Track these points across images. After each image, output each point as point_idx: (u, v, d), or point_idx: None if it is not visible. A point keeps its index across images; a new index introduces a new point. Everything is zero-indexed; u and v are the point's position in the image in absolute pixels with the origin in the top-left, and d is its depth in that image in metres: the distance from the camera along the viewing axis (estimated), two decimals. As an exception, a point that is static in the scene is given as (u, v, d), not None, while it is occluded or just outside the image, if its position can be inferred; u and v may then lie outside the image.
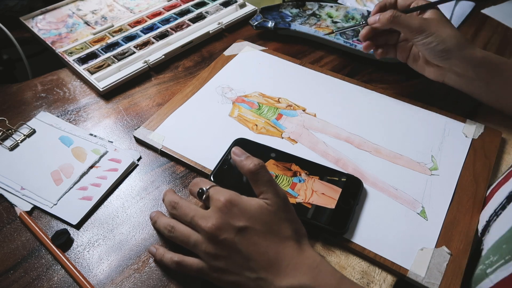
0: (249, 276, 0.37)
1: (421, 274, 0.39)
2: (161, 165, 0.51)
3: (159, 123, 0.55)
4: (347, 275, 0.40)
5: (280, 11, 0.73)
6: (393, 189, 0.47)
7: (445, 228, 0.43)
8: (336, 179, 0.46)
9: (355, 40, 0.67)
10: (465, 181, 0.47)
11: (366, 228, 0.43)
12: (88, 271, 0.41)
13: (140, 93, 0.61)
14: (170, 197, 0.43)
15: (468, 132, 0.52)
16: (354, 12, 0.72)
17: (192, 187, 0.42)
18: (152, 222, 0.44)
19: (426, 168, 0.49)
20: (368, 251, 0.41)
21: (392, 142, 0.52)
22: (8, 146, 0.52)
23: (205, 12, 0.75)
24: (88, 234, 0.44)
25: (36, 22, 0.72)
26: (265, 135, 0.53)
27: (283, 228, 0.38)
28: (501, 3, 0.78)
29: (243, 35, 0.72)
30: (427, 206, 0.45)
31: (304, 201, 0.44)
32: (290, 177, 0.47)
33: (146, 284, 0.40)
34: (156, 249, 0.42)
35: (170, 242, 0.43)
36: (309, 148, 0.51)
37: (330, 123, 0.54)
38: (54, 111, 0.58)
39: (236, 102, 0.58)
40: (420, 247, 0.41)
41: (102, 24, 0.73)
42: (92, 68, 0.63)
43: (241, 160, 0.40)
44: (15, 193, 0.47)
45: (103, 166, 0.50)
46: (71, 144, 0.53)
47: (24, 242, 0.44)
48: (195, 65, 0.66)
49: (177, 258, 0.40)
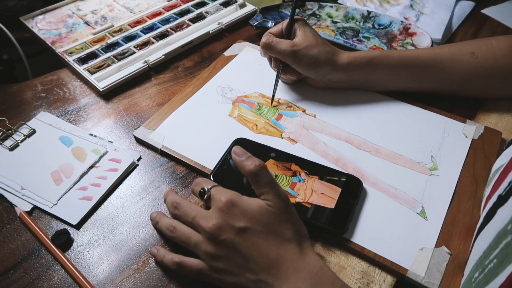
0: (249, 278, 0.37)
1: (420, 274, 0.39)
2: (161, 165, 0.51)
3: (159, 123, 0.55)
4: (347, 275, 0.40)
5: (280, 11, 0.73)
6: (393, 189, 0.47)
7: (444, 228, 0.43)
8: (335, 179, 0.46)
9: (355, 40, 0.67)
10: (465, 181, 0.47)
11: (366, 228, 0.43)
12: (88, 271, 0.41)
13: (140, 93, 0.61)
14: (172, 197, 0.43)
15: (468, 133, 0.52)
16: (354, 12, 0.72)
17: (194, 187, 0.42)
18: (154, 223, 0.44)
19: (426, 168, 0.49)
20: (367, 251, 0.41)
21: (392, 142, 0.52)
22: (8, 146, 0.52)
23: (205, 12, 0.75)
24: (88, 234, 0.44)
25: (36, 22, 0.72)
26: (265, 135, 0.53)
27: (284, 230, 0.38)
28: (501, 3, 0.78)
29: (243, 35, 0.72)
30: (427, 206, 0.45)
31: (303, 201, 0.44)
32: (289, 176, 0.47)
33: (146, 284, 0.40)
34: (157, 250, 0.42)
35: (171, 243, 0.43)
36: (309, 148, 0.51)
37: (330, 123, 0.54)
38: (54, 111, 0.58)
39: (236, 102, 0.58)
40: (419, 247, 0.41)
41: (102, 24, 0.73)
42: (92, 68, 0.63)
43: (241, 161, 0.39)
44: (15, 193, 0.47)
45: (103, 166, 0.50)
46: (71, 144, 0.53)
47: (24, 242, 0.44)
48: (195, 65, 0.66)
49: (178, 259, 0.40)
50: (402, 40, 0.66)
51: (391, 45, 0.65)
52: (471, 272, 0.37)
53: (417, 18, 0.73)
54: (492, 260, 0.33)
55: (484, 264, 0.35)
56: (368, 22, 0.70)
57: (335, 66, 0.53)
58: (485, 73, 0.53)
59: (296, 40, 0.54)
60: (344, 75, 0.55)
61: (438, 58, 0.54)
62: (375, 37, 0.67)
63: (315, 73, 0.54)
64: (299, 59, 0.53)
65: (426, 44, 0.63)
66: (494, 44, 0.53)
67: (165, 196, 0.45)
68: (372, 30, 0.69)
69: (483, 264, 0.35)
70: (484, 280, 0.33)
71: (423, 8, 0.75)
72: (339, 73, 0.54)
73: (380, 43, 0.66)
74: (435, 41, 0.67)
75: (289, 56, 0.53)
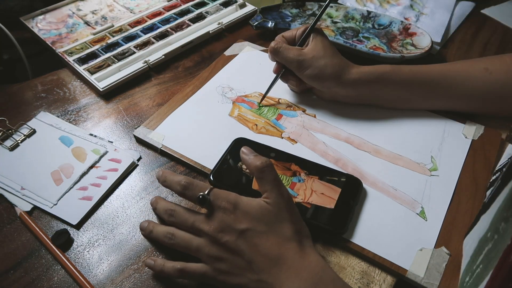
0: (251, 278, 0.37)
1: (420, 275, 0.39)
2: (161, 165, 0.51)
3: (159, 122, 0.55)
4: (347, 275, 0.40)
5: (280, 11, 0.73)
6: (393, 189, 0.47)
7: (444, 229, 0.43)
8: (335, 179, 0.46)
9: (355, 40, 0.67)
10: (464, 182, 0.47)
11: (365, 228, 0.43)
12: (88, 271, 0.41)
13: (140, 93, 0.61)
14: (164, 205, 0.42)
15: (468, 133, 0.52)
16: (354, 12, 0.72)
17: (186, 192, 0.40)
18: (147, 233, 0.43)
19: (426, 168, 0.49)
20: (367, 251, 0.41)
21: (392, 143, 0.52)
22: (8, 146, 0.52)
23: (205, 12, 0.75)
24: (88, 234, 0.44)
25: (36, 22, 0.72)
26: (265, 135, 0.53)
27: (284, 229, 0.38)
28: (501, 3, 0.78)
29: (243, 35, 0.72)
30: (427, 206, 0.45)
31: (303, 201, 0.44)
32: (289, 176, 0.47)
33: (146, 284, 0.40)
34: (154, 261, 0.40)
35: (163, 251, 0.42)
36: (308, 148, 0.51)
37: (330, 123, 0.54)
38: (54, 111, 0.58)
39: (236, 102, 0.58)
40: (419, 248, 0.41)
41: (102, 24, 0.73)
42: (92, 68, 0.63)
43: (249, 158, 0.40)
44: (15, 193, 0.47)
45: (103, 166, 0.50)
46: (71, 144, 0.53)
47: (24, 242, 0.44)
48: (195, 65, 0.66)
49: (180, 265, 0.39)
50: (402, 40, 0.66)
51: (391, 45, 0.65)
52: (463, 276, 0.38)
53: (417, 18, 0.73)
54: (479, 266, 0.34)
55: (473, 269, 0.36)
56: (368, 22, 0.70)
57: (340, 80, 0.52)
58: (500, 90, 0.51)
59: (305, 50, 0.53)
60: (351, 91, 0.53)
61: (451, 74, 0.52)
62: (375, 37, 0.67)
63: (319, 84, 0.53)
64: (303, 68, 0.52)
65: (426, 44, 0.63)
66: (508, 61, 0.51)
67: (154, 204, 0.44)
68: (372, 30, 0.69)
69: (471, 269, 0.36)
70: (473, 284, 0.34)
71: (423, 8, 0.75)
72: (346, 88, 0.53)
73: (380, 43, 0.66)
74: (435, 43, 0.67)
75: (293, 64, 0.53)
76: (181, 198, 0.47)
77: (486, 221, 0.37)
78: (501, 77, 0.51)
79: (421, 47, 0.63)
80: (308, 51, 0.53)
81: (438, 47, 0.68)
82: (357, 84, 0.52)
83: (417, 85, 0.52)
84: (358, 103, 0.56)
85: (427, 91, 0.53)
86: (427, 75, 0.52)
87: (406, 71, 0.52)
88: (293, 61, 0.53)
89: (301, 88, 0.57)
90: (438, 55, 0.67)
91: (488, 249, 0.33)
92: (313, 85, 0.54)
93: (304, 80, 0.54)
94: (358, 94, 0.54)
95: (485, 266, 0.32)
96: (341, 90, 0.53)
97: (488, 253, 0.33)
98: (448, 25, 0.72)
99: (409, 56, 0.61)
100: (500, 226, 0.32)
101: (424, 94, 0.53)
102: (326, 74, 0.52)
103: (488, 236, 0.34)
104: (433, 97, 0.53)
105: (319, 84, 0.53)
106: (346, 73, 0.52)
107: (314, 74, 0.52)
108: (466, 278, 0.37)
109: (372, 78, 0.52)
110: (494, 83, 0.51)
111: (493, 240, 0.33)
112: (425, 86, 0.52)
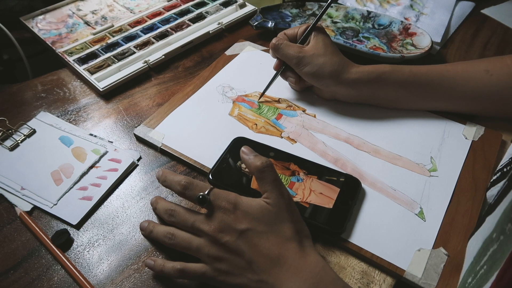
0: (251, 278, 0.37)
1: (417, 275, 0.40)
2: (161, 165, 0.51)
3: (160, 121, 0.55)
4: (347, 275, 0.40)
5: (280, 11, 0.73)
6: (392, 189, 0.47)
7: (443, 229, 0.43)
8: (334, 179, 0.46)
9: (355, 40, 0.67)
10: (464, 183, 0.47)
11: (364, 228, 0.43)
12: (88, 271, 0.41)
13: (140, 93, 0.61)
14: (164, 205, 0.42)
15: (468, 134, 0.52)
16: (354, 12, 0.72)
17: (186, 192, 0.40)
18: (147, 233, 0.43)
19: (425, 169, 0.49)
20: (365, 251, 0.41)
21: (391, 143, 0.52)
22: (8, 146, 0.52)
23: (205, 12, 0.75)
24: (88, 234, 0.45)
25: (36, 22, 0.73)
26: (265, 134, 0.53)
27: (285, 229, 0.38)
28: (501, 3, 0.78)
29: (243, 35, 0.72)
30: (425, 207, 0.45)
31: (302, 201, 0.45)
32: (288, 176, 0.47)
33: (146, 284, 0.41)
34: (154, 261, 0.40)
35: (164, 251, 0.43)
36: (308, 148, 0.51)
37: (329, 123, 0.54)
38: (54, 111, 0.58)
39: (236, 101, 0.58)
40: (417, 248, 0.41)
41: (102, 24, 0.73)
42: (92, 68, 0.63)
43: (249, 158, 0.40)
44: (15, 193, 0.47)
45: (103, 166, 0.50)
46: (71, 144, 0.53)
47: (24, 242, 0.44)
48: (195, 65, 0.66)
49: (180, 265, 0.39)
50: (402, 40, 0.66)
51: (391, 45, 0.65)
52: (465, 277, 0.38)
53: (417, 18, 0.73)
54: (483, 267, 0.34)
55: (476, 270, 0.35)
56: (368, 22, 0.70)
57: (339, 79, 0.52)
58: (501, 91, 0.51)
59: (306, 47, 0.53)
60: (350, 90, 0.53)
61: (451, 75, 0.52)
62: (375, 37, 0.67)
63: (317, 82, 0.53)
64: (302, 65, 0.52)
65: (426, 44, 0.63)
66: (508, 62, 0.51)
67: (154, 204, 0.44)
68: (372, 30, 0.69)
69: (475, 270, 0.36)
70: (477, 285, 0.34)
71: (423, 8, 0.75)
72: (345, 87, 0.53)
73: (380, 43, 0.66)
74: (435, 43, 0.67)
75: (293, 61, 0.53)
76: (181, 198, 0.47)
77: (492, 222, 0.37)
78: (502, 78, 0.51)
79: (421, 47, 0.63)
80: (309, 48, 0.53)
81: (438, 47, 0.68)
82: (356, 83, 0.52)
83: (417, 85, 0.52)
84: (358, 103, 0.56)
85: (427, 91, 0.53)
86: (427, 76, 0.52)
87: (406, 71, 0.52)
88: (293, 57, 0.53)
89: (300, 86, 0.57)
90: (438, 55, 0.67)
91: (494, 250, 0.33)
92: (312, 83, 0.54)
93: (303, 77, 0.54)
94: (358, 94, 0.54)
95: (489, 267, 0.32)
96: (340, 89, 0.53)
97: (493, 254, 0.33)
98: (448, 25, 0.72)
99: (409, 56, 0.61)
100: (507, 227, 0.32)
101: (424, 94, 0.53)
102: (324, 72, 0.52)
103: (494, 237, 0.34)
104: (433, 97, 0.53)
105: (318, 82, 0.54)
106: (345, 72, 0.52)
107: (313, 72, 0.52)
108: (468, 279, 0.37)
109: (371, 77, 0.52)
110: (495, 85, 0.51)
111: (498, 241, 0.33)
112: (425, 87, 0.52)
